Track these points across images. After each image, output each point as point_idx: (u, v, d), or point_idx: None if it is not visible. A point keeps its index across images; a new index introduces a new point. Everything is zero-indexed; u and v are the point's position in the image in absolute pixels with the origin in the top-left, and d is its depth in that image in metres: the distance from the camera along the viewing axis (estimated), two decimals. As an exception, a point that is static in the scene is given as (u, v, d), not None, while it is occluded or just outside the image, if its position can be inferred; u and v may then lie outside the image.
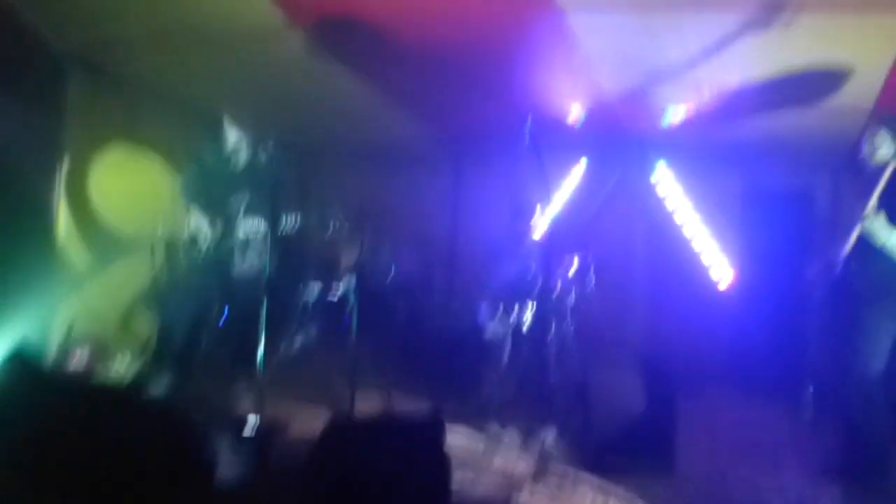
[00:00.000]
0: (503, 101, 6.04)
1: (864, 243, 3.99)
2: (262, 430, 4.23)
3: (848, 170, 5.90)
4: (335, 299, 4.72)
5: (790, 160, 7.02)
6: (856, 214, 3.99)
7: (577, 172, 7.72)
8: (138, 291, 6.15)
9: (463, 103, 6.32)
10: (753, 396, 6.35)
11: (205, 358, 5.63)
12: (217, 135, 5.37)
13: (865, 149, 4.13)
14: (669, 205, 7.47)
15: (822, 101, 5.30)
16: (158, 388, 5.24)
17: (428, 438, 3.28)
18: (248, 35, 4.85)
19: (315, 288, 4.65)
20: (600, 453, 4.38)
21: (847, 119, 5.50)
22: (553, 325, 5.74)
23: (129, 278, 6.11)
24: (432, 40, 4.91)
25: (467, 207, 8.21)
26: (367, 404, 4.93)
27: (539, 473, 4.26)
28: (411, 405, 5.39)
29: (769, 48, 4.48)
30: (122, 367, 5.70)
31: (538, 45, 4.94)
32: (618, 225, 7.81)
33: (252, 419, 4.31)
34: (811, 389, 5.66)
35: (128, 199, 6.09)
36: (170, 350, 5.77)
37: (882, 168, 3.95)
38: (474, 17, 4.60)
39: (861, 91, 4.98)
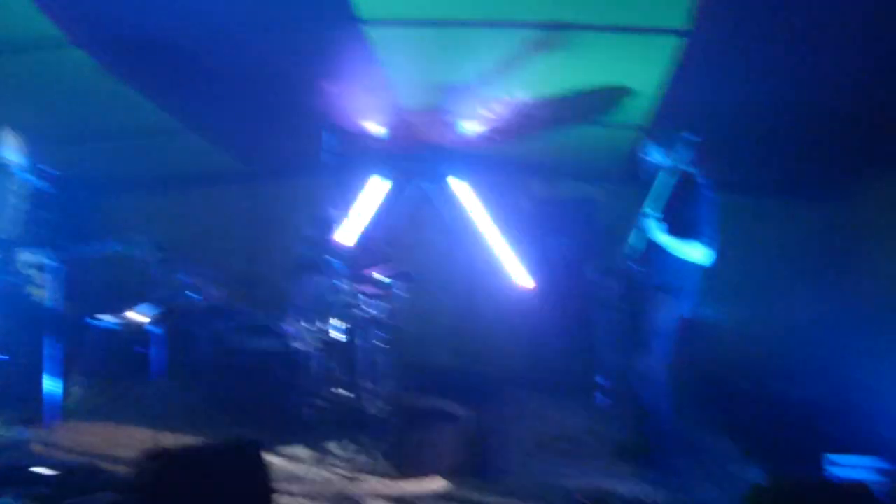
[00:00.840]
0: (301, 116, 6.00)
1: (646, 245, 4.41)
2: (55, 480, 3.88)
3: (627, 179, 6.45)
4: (134, 330, 4.42)
5: (577, 170, 7.55)
6: (633, 218, 4.41)
7: (377, 186, 7.81)
8: None
9: (260, 120, 6.20)
10: (555, 392, 6.75)
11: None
12: None
13: (643, 159, 4.59)
14: (467, 215, 7.77)
15: (605, 117, 5.75)
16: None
17: (246, 465, 3.18)
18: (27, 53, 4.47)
19: (111, 320, 4.33)
20: (413, 456, 4.46)
21: (628, 134, 6.00)
22: (361, 336, 5.79)
23: None
24: (225, 55, 4.78)
25: (269, 225, 8.05)
26: (177, 437, 4.67)
27: (356, 482, 4.28)
28: (222, 432, 5.18)
29: (555, 67, 4.82)
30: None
31: (336, 58, 4.98)
32: (420, 236, 8.00)
33: (41, 470, 3.95)
34: (602, 381, 6.12)
35: None
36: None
37: (657, 177, 4.40)
38: (270, 29, 4.56)
39: (636, 110, 5.44)
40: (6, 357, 5.01)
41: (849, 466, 4.22)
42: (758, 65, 4.41)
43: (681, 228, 4.30)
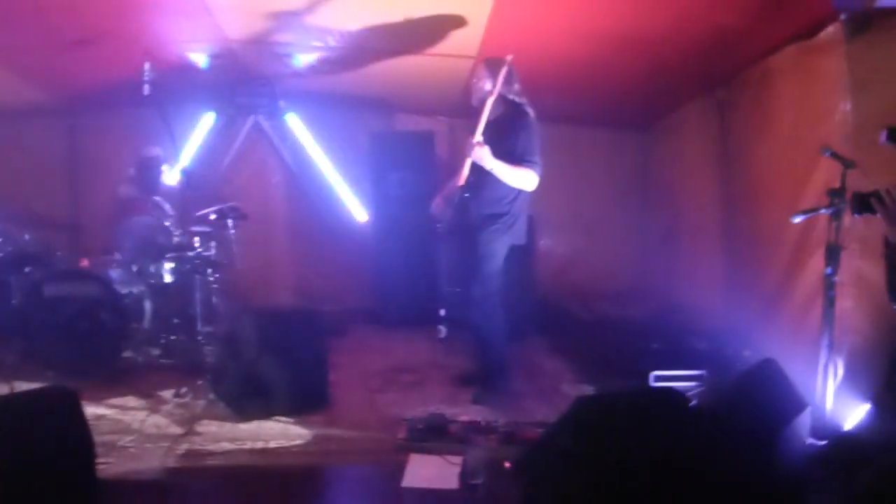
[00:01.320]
0: (120, 49, 5.54)
1: (475, 173, 4.43)
2: None
3: (461, 115, 6.48)
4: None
5: (414, 103, 7.49)
6: (467, 147, 4.40)
7: (206, 120, 7.44)
8: None
9: (76, 55, 5.66)
10: (395, 327, 6.81)
11: None
12: None
13: (472, 89, 4.58)
14: (303, 150, 7.57)
15: (437, 48, 5.69)
16: None
17: (61, 416, 2.96)
18: None
19: None
20: (251, 399, 4.36)
21: (457, 66, 5.98)
22: (195, 279, 5.55)
23: None
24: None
25: (90, 166, 7.47)
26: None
27: (192, 430, 4.14)
28: (43, 381, 4.84)
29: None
30: None
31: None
32: (254, 173, 7.73)
33: None
34: (442, 313, 6.23)
35: None
36: None
37: (482, 104, 4.39)
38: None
39: (466, 41, 5.43)
40: None
41: (671, 378, 4.57)
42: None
43: (507, 155, 4.34)
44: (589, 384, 4.96)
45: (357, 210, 7.55)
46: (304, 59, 6.14)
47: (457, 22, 5.14)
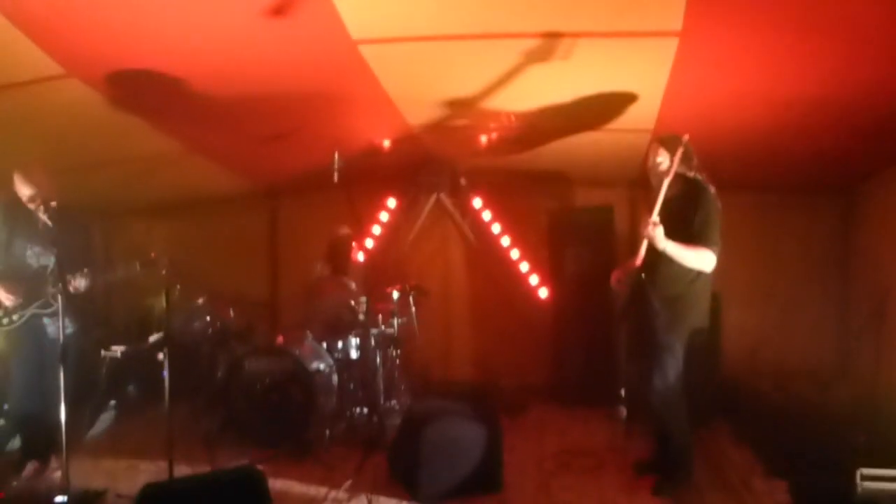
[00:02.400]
0: (311, 140, 6.02)
1: (653, 253, 4.28)
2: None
3: (641, 186, 6.36)
4: (149, 355, 4.45)
5: (592, 176, 7.46)
6: (642, 227, 4.28)
7: (390, 202, 7.82)
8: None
9: (270, 144, 6.22)
10: (574, 405, 6.64)
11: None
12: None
13: (650, 167, 4.46)
14: (483, 227, 7.72)
15: (613, 123, 5.68)
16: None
17: (248, 492, 3.16)
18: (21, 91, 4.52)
19: (122, 348, 4.36)
20: (427, 479, 4.38)
21: (634, 140, 5.93)
22: (378, 355, 5.76)
23: None
24: (226, 81, 4.80)
25: (285, 248, 8.10)
26: (190, 466, 4.68)
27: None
28: (240, 456, 5.20)
29: (557, 76, 4.76)
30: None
31: (339, 82, 4.98)
32: (436, 250, 7.98)
33: (62, 499, 3.97)
34: (623, 393, 6.04)
35: None
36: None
37: (661, 182, 4.26)
38: (269, 61, 4.57)
39: (642, 114, 5.38)
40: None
41: (885, 479, 4.02)
42: (756, 60, 4.32)
43: (684, 234, 4.18)
44: (782, 479, 4.51)
45: (537, 286, 7.53)
46: (482, 139, 6.31)
47: (631, 97, 5.13)
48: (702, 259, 4.19)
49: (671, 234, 4.16)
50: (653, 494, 4.31)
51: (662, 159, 4.33)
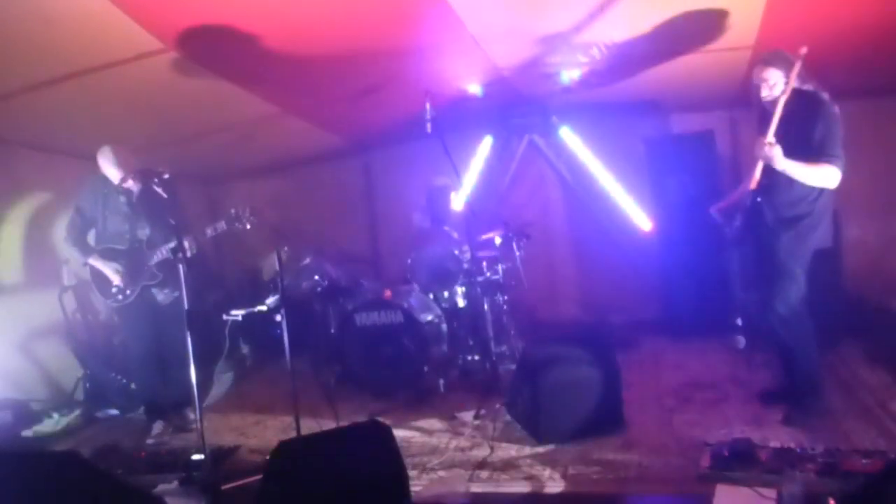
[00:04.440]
0: (402, 92, 5.97)
1: (769, 174, 4.09)
2: (210, 467, 4.11)
3: (742, 106, 6.06)
4: (263, 315, 4.59)
5: (689, 102, 7.15)
6: (757, 148, 4.09)
7: (484, 148, 7.72)
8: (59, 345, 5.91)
9: (364, 102, 6.22)
10: (688, 337, 6.47)
11: (142, 402, 5.49)
12: (101, 175, 5.11)
13: (760, 87, 4.16)
14: (579, 163, 7.54)
15: (710, 44, 5.38)
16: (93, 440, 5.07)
17: (376, 444, 3.23)
18: (125, 68, 4.63)
19: (241, 307, 4.52)
20: (546, 423, 4.38)
21: (733, 59, 5.62)
22: (486, 302, 5.76)
23: (37, 335, 5.85)
24: (316, 41, 4.80)
25: (384, 199, 8.15)
26: (314, 420, 4.84)
27: (491, 454, 4.29)
28: (360, 409, 5.34)
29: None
30: (50, 426, 5.47)
31: (425, 31, 4.90)
32: (533, 191, 7.88)
33: (198, 457, 4.19)
34: (739, 322, 5.86)
35: (27, 256, 5.86)
36: (102, 400, 5.61)
37: (774, 103, 4.04)
38: (356, 17, 4.53)
39: (740, 31, 5.08)
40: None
41: None
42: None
43: (804, 152, 3.96)
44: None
45: (639, 218, 7.33)
46: (572, 75, 6.11)
47: (728, 13, 4.83)
48: (826, 176, 3.96)
49: (789, 152, 3.95)
50: (784, 424, 4.17)
51: (775, 77, 4.06)
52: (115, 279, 5.06)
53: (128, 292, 5.09)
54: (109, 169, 4.99)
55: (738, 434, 4.06)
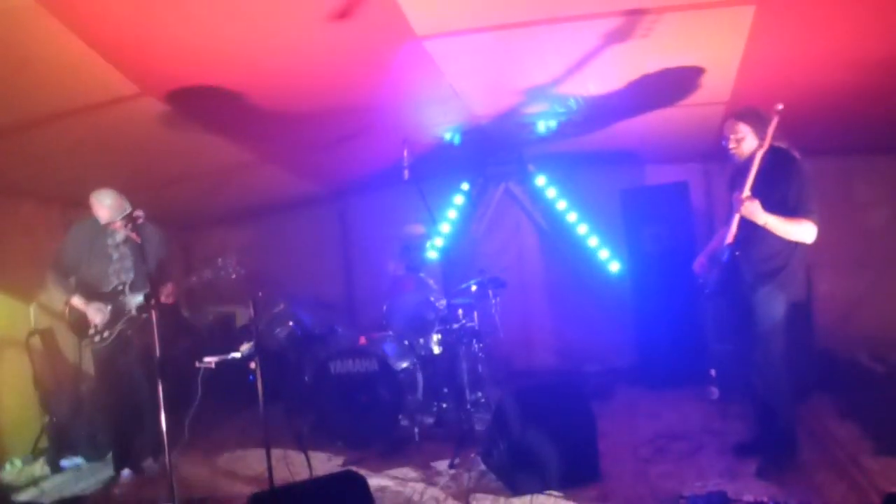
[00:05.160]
0: (380, 140, 6.03)
1: (746, 229, 4.15)
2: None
3: (716, 159, 6.18)
4: (236, 362, 4.53)
5: (664, 154, 7.28)
6: (733, 202, 4.15)
7: (461, 193, 7.79)
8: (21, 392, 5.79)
9: (337, 147, 6.26)
10: (662, 387, 6.50)
11: (110, 450, 5.36)
12: (91, 218, 5.10)
13: (731, 142, 4.26)
14: (554, 211, 7.61)
15: (686, 99, 5.52)
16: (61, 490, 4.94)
17: (351, 495, 3.18)
18: (101, 111, 4.64)
19: (213, 356, 4.46)
20: (522, 473, 4.34)
21: (707, 113, 5.75)
22: (461, 350, 5.74)
23: (11, 380, 5.73)
24: (294, 87, 4.83)
25: (357, 248, 8.16)
26: (286, 468, 4.76)
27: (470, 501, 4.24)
28: (333, 458, 5.27)
29: (625, 55, 4.64)
30: (12, 474, 5.32)
31: (404, 80, 4.97)
32: (509, 239, 7.92)
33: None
34: (713, 373, 5.89)
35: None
36: (68, 448, 5.49)
37: (750, 158, 4.12)
38: (335, 67, 4.61)
39: (716, 88, 5.22)
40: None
41: None
42: (836, 22, 4.16)
43: (780, 207, 4.03)
44: (893, 456, 4.30)
45: (614, 268, 7.40)
46: (549, 124, 6.22)
47: (704, 71, 4.97)
48: (804, 231, 4.03)
49: (765, 207, 4.02)
50: (758, 477, 4.16)
51: (751, 133, 4.17)
52: (97, 318, 4.98)
53: (105, 334, 5.01)
54: (101, 210, 4.97)
55: (712, 487, 4.05)
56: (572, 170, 7.52)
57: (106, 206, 4.95)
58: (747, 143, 4.18)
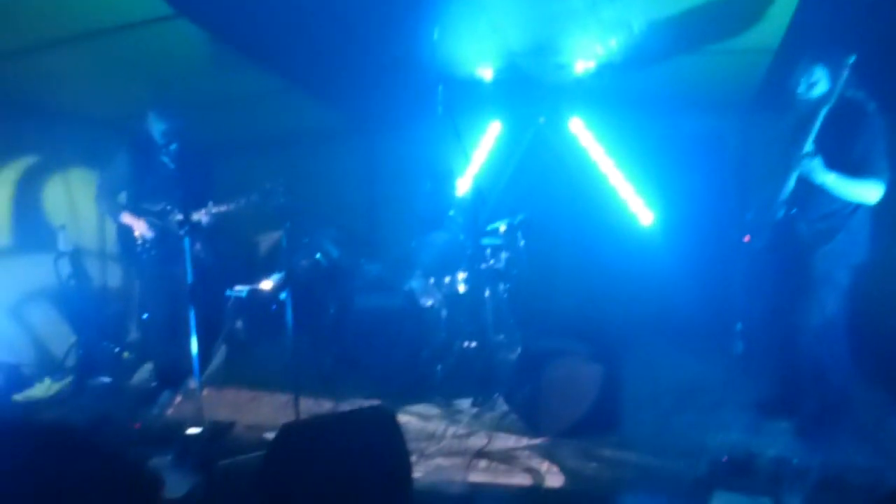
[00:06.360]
0: (411, 68, 5.90)
1: (804, 185, 3.87)
2: (206, 442, 4.08)
3: (758, 110, 6.01)
4: (266, 294, 4.56)
5: (700, 102, 7.09)
6: (792, 155, 3.85)
7: (493, 132, 7.67)
8: (51, 309, 5.86)
9: (370, 76, 6.14)
10: (686, 339, 6.48)
11: (135, 370, 5.45)
12: (131, 139, 5.13)
13: (801, 87, 3.92)
14: (586, 155, 7.49)
15: (726, 42, 5.30)
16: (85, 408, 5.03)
17: (380, 430, 3.20)
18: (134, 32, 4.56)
19: (244, 284, 4.48)
20: (545, 416, 4.38)
21: (753, 61, 5.56)
22: (487, 289, 5.73)
23: (40, 300, 5.79)
24: (328, 14, 4.71)
25: (387, 182, 8.08)
26: (311, 399, 4.82)
27: (489, 443, 4.27)
28: (356, 392, 5.31)
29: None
30: (41, 391, 5.43)
31: (440, 7, 4.82)
32: (540, 179, 7.81)
33: (194, 431, 4.16)
34: (739, 327, 5.85)
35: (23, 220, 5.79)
36: (94, 368, 5.58)
37: (815, 108, 3.78)
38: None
39: (765, 32, 4.98)
40: (146, 316, 5.37)
41: None
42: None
43: (846, 165, 3.74)
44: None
45: (644, 215, 7.30)
46: (586, 65, 6.05)
47: (755, 10, 4.71)
48: (869, 190, 3.75)
49: (827, 163, 3.74)
50: (798, 436, 4.08)
51: (819, 75, 3.84)
52: (147, 234, 5.03)
53: (153, 252, 5.05)
54: (152, 130, 5.03)
55: (735, 440, 4.06)
56: (608, 114, 7.35)
57: (156, 127, 5.01)
58: (818, 88, 3.85)
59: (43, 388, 5.48)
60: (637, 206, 7.35)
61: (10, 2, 4.03)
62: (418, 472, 3.86)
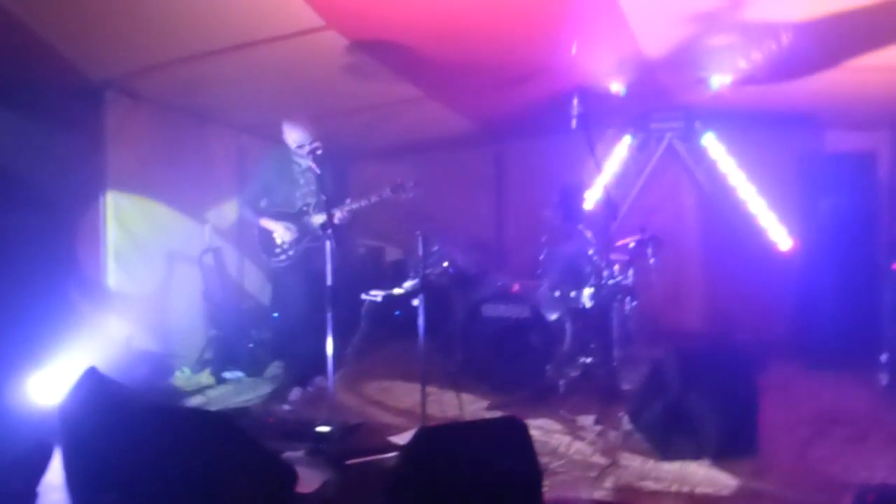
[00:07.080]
0: (551, 83, 5.90)
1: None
2: (336, 440, 4.21)
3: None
4: (400, 299, 4.68)
5: (845, 119, 6.75)
6: None
7: (626, 147, 7.58)
8: (194, 304, 6.19)
9: (506, 89, 6.19)
10: (825, 367, 6.15)
11: (267, 365, 5.67)
12: (274, 146, 5.41)
13: None
14: (719, 172, 7.27)
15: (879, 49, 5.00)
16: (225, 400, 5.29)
17: (513, 441, 3.21)
18: (285, 43, 4.78)
19: (382, 293, 4.62)
20: (672, 437, 4.25)
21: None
22: (613, 306, 5.65)
23: (182, 293, 6.13)
24: (469, 27, 4.78)
25: (511, 192, 8.11)
26: (437, 405, 4.89)
27: (616, 463, 4.20)
28: (478, 401, 5.35)
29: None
30: (182, 380, 5.74)
31: (580, 19, 4.79)
32: (666, 197, 7.65)
33: (324, 429, 4.30)
34: (884, 359, 5.52)
35: (172, 217, 6.13)
36: (230, 361, 5.84)
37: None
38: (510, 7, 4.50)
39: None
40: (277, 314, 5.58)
41: None
42: None
43: None
44: None
45: (780, 237, 7.00)
46: (722, 79, 5.88)
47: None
48: None
49: None
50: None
51: None
52: (286, 237, 5.26)
53: (291, 252, 5.28)
54: (291, 137, 5.27)
55: (881, 479, 3.81)
56: (744, 130, 7.12)
57: (295, 134, 5.22)
58: None
59: (183, 378, 5.80)
60: (775, 231, 7.05)
61: (175, 17, 4.33)
62: (544, 487, 3.84)
